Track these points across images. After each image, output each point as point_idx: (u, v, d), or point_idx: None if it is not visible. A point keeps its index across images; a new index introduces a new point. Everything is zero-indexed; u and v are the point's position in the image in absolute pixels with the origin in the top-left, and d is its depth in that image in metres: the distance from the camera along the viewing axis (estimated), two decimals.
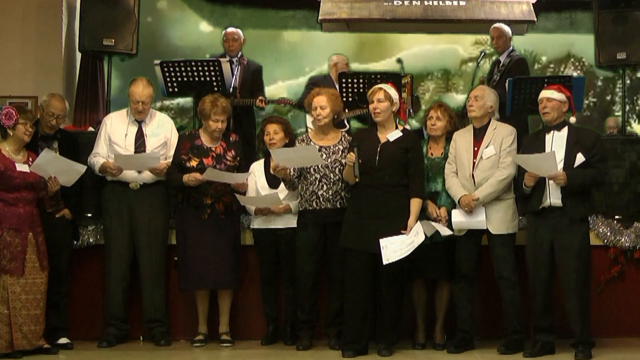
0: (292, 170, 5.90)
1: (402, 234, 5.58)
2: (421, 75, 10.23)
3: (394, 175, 5.70)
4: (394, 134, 5.79)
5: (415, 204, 5.68)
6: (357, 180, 5.65)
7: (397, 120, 5.96)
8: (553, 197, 5.63)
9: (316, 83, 7.65)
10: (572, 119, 5.80)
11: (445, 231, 5.75)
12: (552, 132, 5.75)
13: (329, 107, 5.94)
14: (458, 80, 10.16)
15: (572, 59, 10.13)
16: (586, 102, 9.98)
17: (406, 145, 5.75)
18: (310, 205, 5.90)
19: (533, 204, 5.71)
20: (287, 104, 7.73)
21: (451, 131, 6.02)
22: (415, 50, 10.24)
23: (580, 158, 5.60)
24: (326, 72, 8.18)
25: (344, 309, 5.78)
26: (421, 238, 5.57)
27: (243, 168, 6.21)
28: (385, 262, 5.51)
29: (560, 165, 5.60)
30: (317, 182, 5.90)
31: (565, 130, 5.73)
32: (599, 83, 10.01)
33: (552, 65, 10.23)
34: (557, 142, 5.70)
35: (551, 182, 5.60)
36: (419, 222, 5.66)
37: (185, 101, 9.44)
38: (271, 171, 5.96)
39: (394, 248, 5.54)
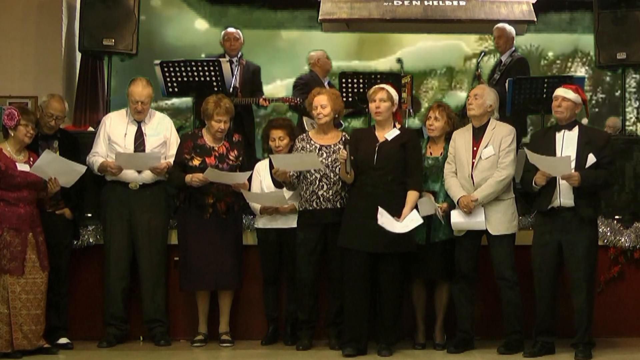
0: (291, 171, 5.91)
1: (396, 219, 5.60)
2: (424, 73, 10.15)
3: (392, 173, 5.71)
4: (392, 133, 5.80)
5: (411, 195, 5.69)
6: (348, 175, 5.67)
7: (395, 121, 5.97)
8: (563, 197, 5.61)
9: (306, 82, 7.65)
10: (585, 120, 5.77)
11: (437, 212, 5.75)
12: (562, 131, 5.72)
13: (330, 106, 5.94)
14: (462, 78, 10.07)
15: (580, 54, 10.05)
16: (595, 98, 9.94)
17: (403, 141, 5.77)
18: (310, 205, 5.90)
19: (541, 203, 5.69)
20: (290, 103, 7.72)
21: (450, 132, 6.02)
22: (418, 46, 10.14)
23: (591, 159, 5.59)
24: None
25: (344, 308, 5.77)
26: (418, 222, 5.60)
27: (246, 168, 6.19)
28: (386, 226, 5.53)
29: (572, 165, 5.59)
30: (317, 182, 5.90)
31: (576, 129, 5.70)
32: (607, 79, 9.85)
33: (558, 61, 10.15)
34: (567, 141, 5.68)
35: (562, 182, 5.58)
36: (414, 211, 5.65)
37: (181, 102, 9.45)
38: (273, 174, 5.96)
39: (390, 221, 5.55)
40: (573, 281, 5.65)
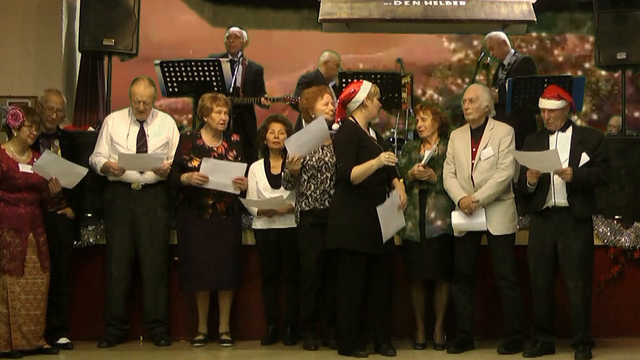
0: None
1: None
2: (432, 65, 10.04)
3: (391, 174, 5.76)
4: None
5: (398, 183, 5.78)
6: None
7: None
8: (558, 196, 5.62)
9: (310, 82, 7.65)
10: (574, 117, 5.77)
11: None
12: (556, 132, 5.73)
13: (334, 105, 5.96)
14: (473, 70, 9.95)
15: None
16: (616, 89, 9.85)
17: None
18: (321, 204, 5.83)
19: (536, 204, 5.70)
20: (291, 102, 7.72)
21: (441, 126, 6.02)
22: (424, 38, 10.05)
23: (584, 158, 5.59)
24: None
25: (342, 310, 5.68)
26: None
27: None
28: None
29: (565, 165, 5.59)
30: (328, 181, 5.86)
31: (569, 130, 5.72)
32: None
33: (577, 49, 10.03)
34: (561, 142, 5.68)
35: (556, 181, 5.59)
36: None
37: (169, 104, 9.43)
38: (287, 166, 5.82)
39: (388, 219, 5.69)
40: (568, 282, 5.65)
